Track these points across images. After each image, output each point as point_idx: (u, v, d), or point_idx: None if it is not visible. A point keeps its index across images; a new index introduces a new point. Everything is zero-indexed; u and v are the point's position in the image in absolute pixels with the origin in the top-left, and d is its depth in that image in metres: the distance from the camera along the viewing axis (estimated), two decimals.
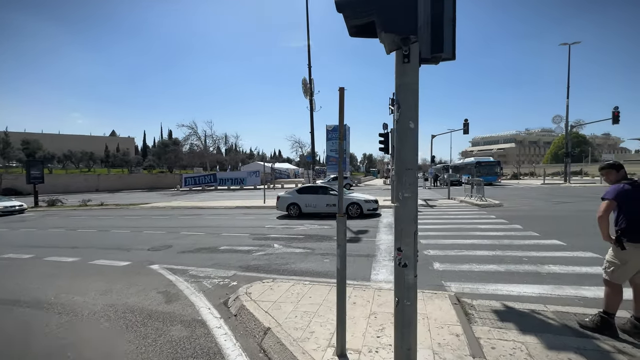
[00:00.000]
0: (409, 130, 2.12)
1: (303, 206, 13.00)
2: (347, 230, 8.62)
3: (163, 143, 52.86)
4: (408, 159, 2.15)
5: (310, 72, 18.92)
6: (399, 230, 2.22)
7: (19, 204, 19.54)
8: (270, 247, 7.75)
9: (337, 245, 2.86)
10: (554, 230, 8.13)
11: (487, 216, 11.11)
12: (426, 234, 8.41)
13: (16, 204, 19.25)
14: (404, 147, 2.15)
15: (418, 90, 2.12)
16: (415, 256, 2.24)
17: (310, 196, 13.13)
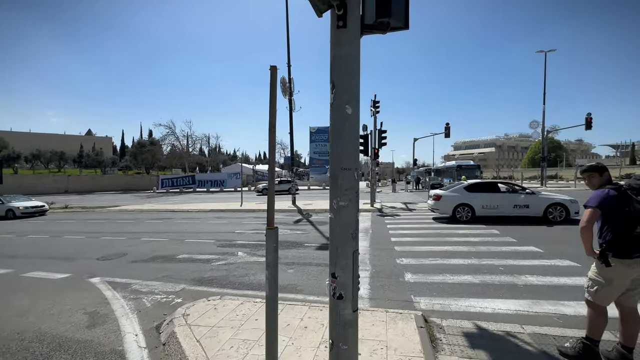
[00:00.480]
0: (346, 118, 1.60)
1: (478, 208, 10.52)
2: (320, 236, 7.95)
3: (139, 143, 50.71)
4: (345, 155, 1.63)
5: (289, 71, 18.36)
6: (333, 250, 1.70)
7: (41, 203, 17.64)
8: (234, 255, 7.10)
9: (266, 265, 2.28)
10: (531, 236, 7.88)
11: None
12: (402, 240, 7.99)
13: (38, 204, 17.40)
14: (340, 139, 1.63)
15: (359, 65, 1.61)
16: (354, 284, 1.71)
17: (487, 195, 10.66)
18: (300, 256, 6.74)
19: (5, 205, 16.57)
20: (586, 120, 28.27)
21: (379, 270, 5.55)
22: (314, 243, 8.03)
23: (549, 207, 10.00)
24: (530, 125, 31.35)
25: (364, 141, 15.33)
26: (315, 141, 44.92)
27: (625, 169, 49.19)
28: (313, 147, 45.14)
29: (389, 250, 6.91)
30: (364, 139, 15.32)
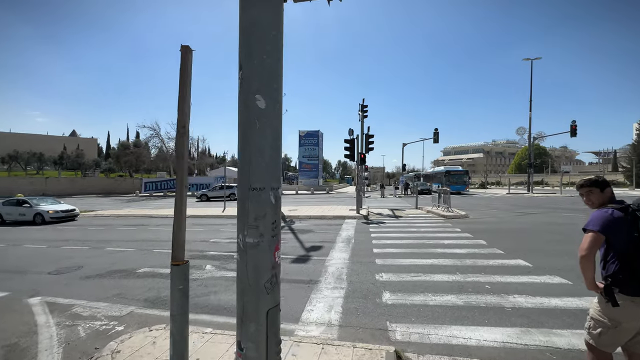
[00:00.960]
0: (256, 115, 1.08)
1: None
2: (298, 247, 7.38)
3: (122, 145, 49.15)
4: (255, 169, 1.11)
5: None
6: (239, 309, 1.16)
7: (72, 207, 16.12)
8: (200, 269, 6.48)
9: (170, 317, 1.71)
10: (519, 247, 7.51)
11: (451, 229, 10.46)
12: (385, 251, 7.51)
13: (69, 207, 15.83)
14: (247, 145, 1.10)
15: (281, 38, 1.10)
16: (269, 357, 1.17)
17: None
18: None
19: (33, 209, 14.83)
20: (571, 128, 28.68)
21: (355, 288, 5.04)
22: (291, 255, 7.47)
23: None
24: (517, 131, 31.64)
25: (350, 145, 14.90)
26: (304, 145, 44.44)
27: (608, 176, 50.38)
28: (302, 151, 44.63)
29: (370, 264, 6.41)
30: (350, 143, 14.90)
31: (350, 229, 10.97)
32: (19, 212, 14.94)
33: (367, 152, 17.39)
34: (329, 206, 19.43)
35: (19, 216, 14.91)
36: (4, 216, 15.22)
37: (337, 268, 6.21)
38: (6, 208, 15.31)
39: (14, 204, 15.30)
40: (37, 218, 14.72)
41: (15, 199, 15.77)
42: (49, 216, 14.78)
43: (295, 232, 10.76)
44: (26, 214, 14.81)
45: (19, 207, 15.05)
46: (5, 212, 15.23)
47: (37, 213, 14.70)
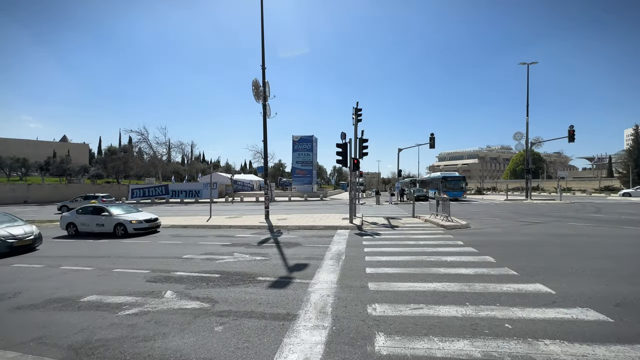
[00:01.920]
0: None
1: None
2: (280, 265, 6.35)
3: (110, 150, 47.63)
4: None
5: (264, 74, 16.94)
6: None
7: (154, 216, 13.74)
8: (158, 296, 5.38)
9: None
10: (532, 266, 6.54)
11: (453, 242, 9.48)
12: (379, 271, 6.48)
13: (152, 216, 13.43)
14: None
15: None
16: None
17: None
18: (243, 299, 5.10)
19: (114, 219, 12.61)
20: (569, 132, 28.15)
21: (341, 327, 3.99)
22: (270, 276, 6.40)
23: None
24: (514, 136, 31.03)
25: (342, 150, 13.94)
26: (297, 150, 43.48)
27: (604, 181, 50.19)
28: (295, 156, 43.65)
29: (361, 290, 5.37)
30: (342, 148, 13.94)
31: (341, 242, 9.93)
32: (97, 222, 12.74)
33: (361, 157, 16.46)
34: (321, 215, 18.39)
35: (97, 227, 12.73)
36: (78, 227, 12.97)
37: (322, 296, 5.15)
38: (82, 217, 13.02)
39: (91, 212, 13.05)
40: (118, 230, 12.46)
41: (91, 207, 13.48)
42: (132, 227, 12.44)
43: (280, 246, 9.68)
44: (105, 224, 12.63)
45: (96, 217, 12.83)
46: (81, 222, 12.96)
47: (118, 223, 12.48)
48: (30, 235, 9.97)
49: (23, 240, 9.67)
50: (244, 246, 9.86)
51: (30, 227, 10.38)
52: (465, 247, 8.60)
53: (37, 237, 10.13)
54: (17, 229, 9.95)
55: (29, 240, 9.83)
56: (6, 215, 10.80)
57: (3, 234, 9.42)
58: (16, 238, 9.53)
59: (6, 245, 9.26)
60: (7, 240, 9.33)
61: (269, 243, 10.28)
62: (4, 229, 9.67)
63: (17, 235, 9.60)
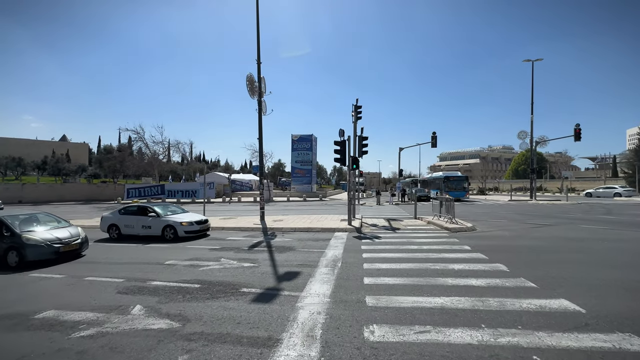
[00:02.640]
0: None
1: None
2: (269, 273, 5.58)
3: (105, 149, 46.97)
4: None
5: (259, 69, 16.21)
6: None
7: (204, 217, 12.42)
8: (125, 312, 4.68)
9: None
10: (552, 276, 5.81)
11: (459, 247, 8.75)
12: (379, 282, 5.75)
13: (202, 218, 12.05)
14: None
15: None
16: None
17: None
18: (220, 317, 4.38)
19: (162, 220, 11.28)
20: (575, 131, 27.39)
21: (332, 357, 3.27)
22: (255, 287, 5.69)
23: None
24: (518, 135, 30.23)
25: (340, 148, 13.21)
26: (297, 150, 42.76)
27: (609, 181, 49.32)
28: (295, 155, 42.94)
29: (358, 306, 4.65)
30: (340, 145, 13.21)
31: (338, 247, 9.20)
32: (143, 224, 11.42)
33: (360, 156, 15.75)
34: (318, 216, 17.67)
35: (142, 229, 11.40)
36: (121, 229, 11.66)
37: (312, 313, 4.43)
38: (125, 218, 11.75)
39: (136, 213, 11.79)
40: (167, 232, 11.08)
41: (135, 206, 12.17)
42: (183, 230, 11.06)
43: (272, 251, 8.96)
44: (152, 226, 11.28)
45: (142, 218, 11.53)
46: (124, 224, 11.66)
47: (167, 225, 11.08)
48: (77, 239, 8.58)
49: (70, 245, 8.29)
50: (234, 250, 9.15)
51: (76, 229, 9.01)
52: (473, 253, 7.86)
53: (84, 241, 8.84)
54: (63, 231, 8.56)
55: (75, 245, 8.45)
56: (49, 215, 9.41)
57: (48, 238, 7.99)
58: (63, 242, 8.16)
59: (52, 250, 7.89)
60: (53, 244, 7.96)
61: (260, 247, 9.56)
62: (50, 232, 8.27)
63: (63, 239, 8.23)
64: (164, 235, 11.12)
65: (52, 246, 7.95)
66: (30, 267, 7.56)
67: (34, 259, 7.69)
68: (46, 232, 8.29)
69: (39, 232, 8.18)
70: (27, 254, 7.62)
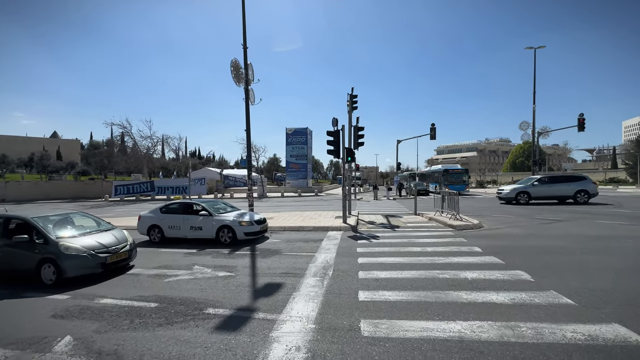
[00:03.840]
0: None
1: None
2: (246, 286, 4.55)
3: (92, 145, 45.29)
4: None
5: (245, 54, 14.93)
6: None
7: (263, 216, 10.49)
8: (47, 349, 3.57)
9: None
10: (590, 289, 4.75)
11: (468, 248, 7.69)
12: (377, 297, 4.66)
13: (260, 217, 10.16)
14: None
15: None
16: None
17: None
18: (168, 357, 3.27)
19: (216, 219, 9.40)
20: (579, 121, 26.38)
21: None
22: (225, 307, 4.58)
23: None
24: (520, 126, 29.19)
25: (333, 139, 12.05)
26: (291, 144, 41.50)
27: (610, 173, 48.67)
28: (290, 150, 41.69)
29: (350, 336, 3.56)
30: (333, 136, 12.05)
31: (330, 249, 8.11)
32: (192, 225, 9.58)
33: (356, 148, 14.62)
34: (312, 212, 16.57)
35: (191, 231, 9.59)
36: (165, 231, 9.84)
37: (289, 349, 3.33)
38: (169, 218, 9.89)
39: (182, 211, 9.93)
40: (223, 234, 9.27)
41: (180, 203, 10.26)
42: (243, 231, 9.20)
43: (255, 255, 7.85)
44: (204, 227, 9.47)
45: (190, 217, 9.69)
46: (168, 225, 9.81)
47: (223, 226, 9.24)
48: (125, 245, 6.74)
49: (118, 254, 6.44)
50: (212, 255, 8.03)
51: (121, 232, 7.16)
52: (486, 257, 6.80)
53: (132, 247, 7.01)
54: (107, 235, 6.67)
55: (124, 253, 6.60)
56: (86, 215, 7.50)
57: (92, 245, 6.17)
58: (110, 251, 6.33)
59: (98, 262, 6.09)
60: (98, 254, 6.12)
61: (242, 250, 8.44)
62: (92, 237, 6.44)
63: (110, 246, 6.39)
64: (219, 238, 9.32)
65: (97, 256, 6.09)
66: (71, 284, 5.76)
67: (76, 275, 5.90)
68: (88, 237, 6.40)
69: (79, 239, 6.26)
70: (67, 268, 5.80)
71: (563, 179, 18.10)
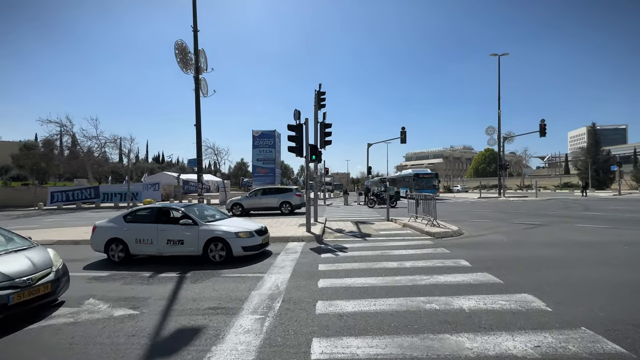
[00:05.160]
0: None
1: None
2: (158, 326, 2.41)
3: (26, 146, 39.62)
4: None
5: (196, 38, 12.93)
6: None
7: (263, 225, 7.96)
8: None
9: None
10: (621, 318, 3.46)
11: (454, 262, 6.32)
12: (341, 353, 2.98)
13: (261, 227, 7.75)
14: None
15: None
16: None
17: None
18: None
19: (203, 230, 7.03)
20: (540, 127, 27.16)
21: None
22: None
23: None
24: (486, 131, 29.61)
25: (296, 134, 10.40)
26: (258, 147, 39.21)
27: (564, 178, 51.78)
28: (256, 153, 39.34)
29: None
30: (295, 130, 10.40)
31: (286, 267, 6.37)
32: (169, 237, 7.11)
33: (323, 147, 13.06)
34: (274, 219, 14.71)
35: (168, 246, 7.12)
36: (130, 246, 7.28)
37: None
38: (136, 228, 7.34)
39: (154, 219, 7.41)
40: (213, 250, 6.92)
41: (152, 208, 7.75)
42: (240, 245, 6.89)
43: (183, 279, 5.89)
44: (186, 240, 7.01)
45: (166, 227, 7.23)
46: (135, 237, 7.25)
47: (214, 238, 6.91)
48: (48, 273, 4.39)
49: (33, 289, 4.08)
50: (123, 280, 5.96)
51: (43, 252, 4.72)
52: (478, 273, 5.44)
53: (60, 276, 4.57)
54: (16, 259, 4.28)
55: (44, 287, 4.24)
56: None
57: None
58: (17, 285, 3.93)
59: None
60: None
61: (170, 272, 6.44)
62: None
63: (20, 277, 4.00)
64: (207, 255, 6.89)
65: None
66: None
67: None
68: None
69: None
70: None
71: (273, 191, 19.05)
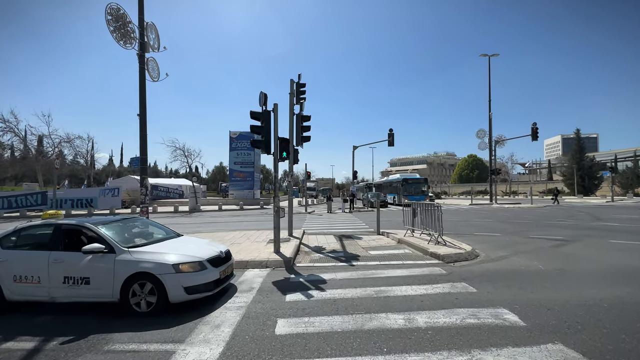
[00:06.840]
0: None
1: None
2: None
3: None
4: None
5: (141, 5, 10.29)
6: None
7: (225, 247, 5.34)
8: None
9: None
10: None
11: (489, 311, 4.01)
12: None
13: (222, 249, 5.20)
14: None
15: None
16: None
17: None
18: None
19: (121, 259, 4.27)
20: (532, 130, 25.92)
21: None
22: None
23: None
24: (477, 134, 28.20)
25: (262, 124, 7.91)
26: (236, 149, 36.39)
27: (549, 184, 51.65)
28: (233, 156, 36.48)
29: None
30: (260, 118, 7.91)
31: (223, 326, 3.83)
32: (67, 272, 4.32)
33: (300, 144, 10.67)
34: (241, 233, 12.05)
35: (66, 286, 4.31)
36: (6, 287, 4.46)
37: None
38: (17, 258, 4.55)
39: (49, 243, 4.56)
40: (137, 294, 4.24)
41: (51, 225, 4.75)
42: (181, 284, 4.24)
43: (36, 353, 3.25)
44: (93, 277, 4.29)
45: (68, 254, 4.44)
46: (14, 273, 4.44)
47: (138, 274, 4.22)
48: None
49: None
50: None
51: None
52: (549, 346, 3.12)
53: None
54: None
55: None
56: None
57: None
58: None
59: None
60: None
61: (21, 342, 3.77)
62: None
63: None
64: (129, 301, 4.27)
65: None
66: None
67: None
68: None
69: None
70: None
71: None
